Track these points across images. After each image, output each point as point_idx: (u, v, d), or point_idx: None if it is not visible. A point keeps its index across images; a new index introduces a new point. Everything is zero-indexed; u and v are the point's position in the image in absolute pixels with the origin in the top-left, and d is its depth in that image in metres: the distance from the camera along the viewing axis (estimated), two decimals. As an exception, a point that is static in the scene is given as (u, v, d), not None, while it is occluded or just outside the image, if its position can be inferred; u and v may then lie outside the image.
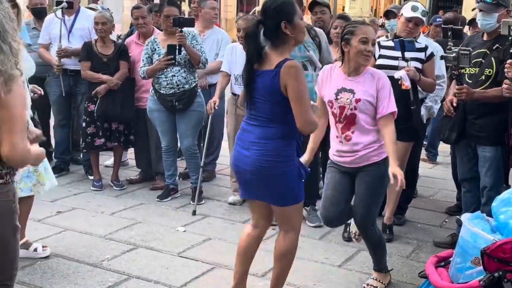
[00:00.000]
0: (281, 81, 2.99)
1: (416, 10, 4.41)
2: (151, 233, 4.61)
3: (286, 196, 3.19)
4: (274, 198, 3.20)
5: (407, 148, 4.59)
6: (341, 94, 3.56)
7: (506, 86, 3.75)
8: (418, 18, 4.41)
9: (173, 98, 5.18)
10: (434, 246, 4.54)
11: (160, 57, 5.17)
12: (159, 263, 4.05)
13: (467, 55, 3.99)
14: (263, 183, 3.15)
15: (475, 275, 2.74)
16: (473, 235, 2.83)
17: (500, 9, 4.10)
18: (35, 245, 4.08)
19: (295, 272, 3.95)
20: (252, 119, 3.16)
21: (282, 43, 3.08)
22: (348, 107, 3.53)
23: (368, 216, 3.64)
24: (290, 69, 2.98)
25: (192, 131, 5.37)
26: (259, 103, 3.10)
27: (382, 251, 3.81)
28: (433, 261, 3.12)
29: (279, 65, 3.00)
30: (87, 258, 4.08)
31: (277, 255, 3.34)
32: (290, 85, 2.98)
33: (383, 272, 3.84)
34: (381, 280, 3.82)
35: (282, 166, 3.11)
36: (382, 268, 3.84)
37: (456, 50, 4.03)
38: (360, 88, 3.54)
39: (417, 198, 5.71)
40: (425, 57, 4.47)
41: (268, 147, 3.08)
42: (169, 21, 5.14)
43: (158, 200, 5.40)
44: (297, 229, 3.34)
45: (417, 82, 4.37)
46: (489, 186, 4.19)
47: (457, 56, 4.01)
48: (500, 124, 4.08)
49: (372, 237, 3.71)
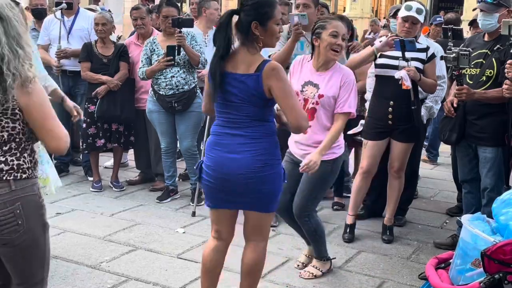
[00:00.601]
0: (264, 84, 2.89)
1: (410, 9, 4.38)
2: (150, 234, 4.60)
3: (267, 201, 3.06)
4: (254, 202, 3.04)
5: (408, 149, 4.57)
6: (307, 87, 3.67)
7: (506, 86, 3.73)
8: (413, 16, 4.38)
9: (173, 99, 5.17)
10: (435, 248, 4.52)
11: (159, 57, 5.16)
12: (158, 265, 4.03)
13: (466, 56, 3.98)
14: (251, 186, 2.98)
15: (475, 277, 2.71)
16: (474, 237, 2.81)
17: (501, 9, 4.09)
18: None
19: (296, 273, 3.95)
20: (231, 122, 2.99)
21: (251, 42, 2.94)
22: (310, 101, 3.63)
23: (304, 208, 3.77)
24: (272, 71, 2.87)
25: (191, 132, 5.36)
26: (237, 106, 2.95)
27: (319, 240, 3.93)
28: (433, 262, 3.09)
29: (260, 68, 2.89)
30: (86, 259, 4.06)
31: (247, 269, 3.17)
32: (275, 87, 2.88)
33: (322, 260, 3.97)
34: (319, 268, 3.96)
35: (275, 166, 3.02)
36: (321, 256, 3.98)
37: (456, 50, 4.01)
38: (325, 83, 3.62)
39: (417, 199, 5.70)
40: (426, 58, 4.45)
41: (260, 146, 2.97)
42: (168, 22, 5.12)
43: (158, 202, 5.39)
44: (267, 237, 3.23)
45: (418, 82, 4.35)
46: (490, 187, 4.17)
47: (457, 56, 3.99)
48: (501, 125, 4.06)
49: (306, 227, 3.84)
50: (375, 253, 4.42)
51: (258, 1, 2.92)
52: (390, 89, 4.40)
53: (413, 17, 4.37)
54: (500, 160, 4.15)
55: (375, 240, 4.67)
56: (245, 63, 2.93)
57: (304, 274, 3.94)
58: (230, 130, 3.00)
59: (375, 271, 4.11)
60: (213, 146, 3.06)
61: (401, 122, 4.45)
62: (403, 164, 4.61)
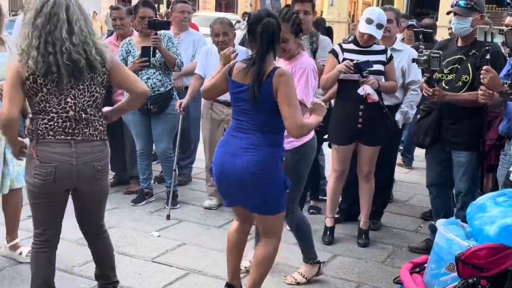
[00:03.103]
0: (274, 89, 3.07)
1: (370, 23, 4.38)
2: (124, 238, 4.54)
3: (271, 205, 3.23)
4: (258, 206, 3.24)
5: (376, 152, 4.62)
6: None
7: (481, 92, 3.76)
8: (369, 34, 4.40)
9: (148, 101, 5.11)
10: (409, 252, 4.55)
11: (134, 59, 5.11)
12: (132, 268, 3.99)
13: (437, 58, 4.01)
14: (249, 190, 3.17)
15: (449, 281, 2.72)
16: (448, 241, 2.82)
17: (474, 14, 4.12)
18: (22, 249, 4.05)
19: (271, 277, 3.92)
20: (241, 128, 3.20)
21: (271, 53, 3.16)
22: None
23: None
24: (281, 77, 3.07)
25: (167, 134, 5.31)
26: (249, 114, 3.16)
27: (304, 237, 3.90)
28: (408, 267, 3.10)
29: (270, 75, 3.08)
30: (58, 263, 3.92)
31: (257, 261, 3.37)
32: (280, 91, 3.07)
33: (309, 263, 3.92)
34: (304, 274, 3.90)
35: (271, 174, 3.16)
36: (308, 258, 3.93)
37: (427, 53, 4.04)
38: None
39: (392, 203, 5.73)
40: (386, 59, 4.50)
41: (259, 154, 3.13)
42: (144, 23, 5.08)
43: (133, 204, 5.33)
44: (279, 235, 3.40)
45: (379, 89, 4.38)
46: (464, 192, 4.21)
47: (428, 59, 4.02)
48: (476, 129, 4.10)
49: (289, 222, 3.83)
50: (350, 257, 4.42)
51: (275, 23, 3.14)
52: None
53: (369, 35, 4.40)
54: (474, 164, 4.19)
55: (350, 243, 4.68)
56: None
57: (287, 279, 3.91)
58: (237, 133, 3.21)
59: (350, 275, 4.11)
60: (220, 145, 3.30)
61: (371, 125, 4.45)
62: (372, 167, 4.63)
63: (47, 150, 2.97)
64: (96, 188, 3.16)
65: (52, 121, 2.97)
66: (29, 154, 3.03)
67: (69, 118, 2.98)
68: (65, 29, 2.88)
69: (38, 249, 3.18)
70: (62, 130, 2.98)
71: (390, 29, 4.77)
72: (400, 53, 4.88)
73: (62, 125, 2.97)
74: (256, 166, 3.11)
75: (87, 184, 3.10)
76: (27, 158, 3.06)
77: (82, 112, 3.00)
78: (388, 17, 4.58)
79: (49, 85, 2.92)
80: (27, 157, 3.06)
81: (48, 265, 3.23)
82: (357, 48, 4.49)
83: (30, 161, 3.02)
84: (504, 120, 3.89)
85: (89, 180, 3.08)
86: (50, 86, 2.92)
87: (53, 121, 2.97)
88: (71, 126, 2.99)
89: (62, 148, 2.98)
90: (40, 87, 2.91)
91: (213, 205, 5.32)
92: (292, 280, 3.90)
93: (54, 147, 2.97)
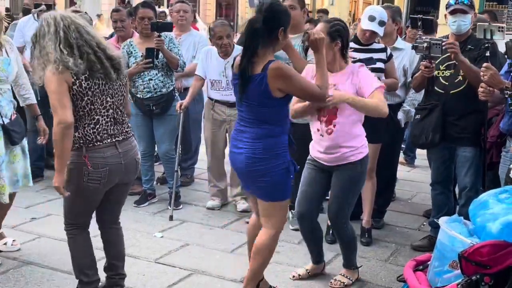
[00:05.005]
0: (271, 85, 3.12)
1: (373, 20, 4.40)
2: (127, 239, 4.50)
3: (271, 192, 3.31)
4: (260, 192, 3.35)
5: (377, 149, 4.62)
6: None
7: (481, 89, 3.76)
8: (373, 31, 4.42)
9: (150, 102, 5.12)
10: (412, 250, 4.55)
11: (136, 60, 5.11)
12: (135, 269, 3.99)
13: (439, 45, 4.01)
14: (251, 179, 3.32)
15: (453, 278, 2.73)
16: (451, 239, 2.83)
17: (472, 11, 4.22)
18: (6, 240, 4.18)
19: (275, 277, 3.92)
20: (242, 120, 3.32)
21: (267, 47, 3.17)
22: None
23: (340, 213, 3.77)
24: (276, 71, 3.11)
25: (169, 135, 5.32)
26: (247, 106, 3.24)
27: (352, 248, 3.93)
28: (411, 264, 3.11)
29: (264, 68, 3.12)
30: (61, 265, 4.00)
31: (255, 250, 3.42)
32: (285, 85, 3.15)
33: (352, 268, 3.94)
34: (349, 277, 3.91)
35: (268, 163, 3.24)
36: (351, 265, 3.95)
37: (427, 40, 4.05)
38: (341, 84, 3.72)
39: (395, 201, 5.72)
40: (386, 57, 4.53)
41: (256, 146, 3.23)
42: (144, 23, 5.08)
43: (135, 206, 5.33)
44: (278, 227, 3.43)
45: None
46: (469, 187, 4.23)
47: (429, 45, 4.02)
48: (481, 124, 4.13)
49: (343, 234, 3.83)
50: (353, 256, 4.42)
51: (282, 10, 3.23)
52: None
53: (372, 31, 4.42)
54: (478, 159, 4.20)
55: (353, 242, 4.67)
56: (260, 65, 3.15)
57: (334, 284, 3.87)
58: (239, 126, 3.34)
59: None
60: (231, 140, 3.45)
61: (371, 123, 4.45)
62: (373, 164, 4.63)
63: (99, 156, 3.14)
64: (133, 178, 3.42)
65: (98, 124, 3.13)
66: (76, 162, 3.12)
67: (109, 117, 3.17)
68: (86, 33, 3.09)
69: (77, 234, 3.42)
70: (106, 133, 3.16)
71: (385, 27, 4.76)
72: (402, 52, 4.89)
73: (106, 126, 3.16)
74: (251, 157, 3.24)
75: (130, 176, 3.37)
76: (70, 166, 3.12)
77: (118, 110, 3.23)
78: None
79: (93, 87, 3.07)
80: (71, 164, 3.11)
81: (89, 242, 3.47)
82: (357, 46, 4.50)
83: (78, 168, 3.12)
84: (505, 117, 3.89)
85: (133, 172, 3.37)
86: (94, 89, 3.08)
87: (99, 123, 3.14)
88: (112, 126, 3.19)
89: (111, 152, 3.18)
90: (85, 90, 3.06)
91: (216, 205, 5.33)
92: (340, 284, 3.86)
93: (105, 152, 3.15)
